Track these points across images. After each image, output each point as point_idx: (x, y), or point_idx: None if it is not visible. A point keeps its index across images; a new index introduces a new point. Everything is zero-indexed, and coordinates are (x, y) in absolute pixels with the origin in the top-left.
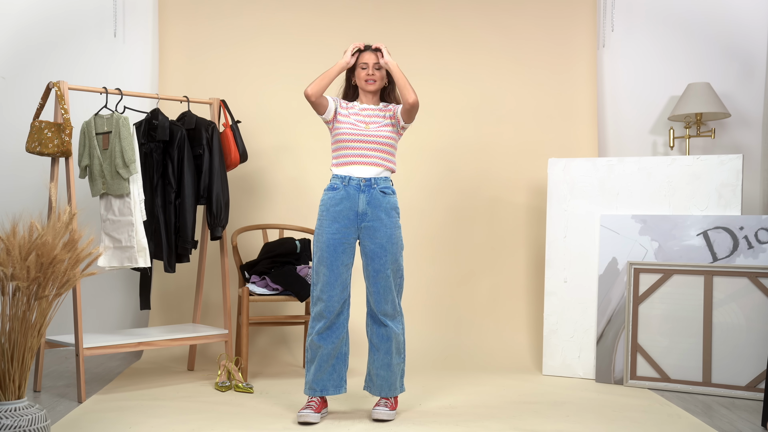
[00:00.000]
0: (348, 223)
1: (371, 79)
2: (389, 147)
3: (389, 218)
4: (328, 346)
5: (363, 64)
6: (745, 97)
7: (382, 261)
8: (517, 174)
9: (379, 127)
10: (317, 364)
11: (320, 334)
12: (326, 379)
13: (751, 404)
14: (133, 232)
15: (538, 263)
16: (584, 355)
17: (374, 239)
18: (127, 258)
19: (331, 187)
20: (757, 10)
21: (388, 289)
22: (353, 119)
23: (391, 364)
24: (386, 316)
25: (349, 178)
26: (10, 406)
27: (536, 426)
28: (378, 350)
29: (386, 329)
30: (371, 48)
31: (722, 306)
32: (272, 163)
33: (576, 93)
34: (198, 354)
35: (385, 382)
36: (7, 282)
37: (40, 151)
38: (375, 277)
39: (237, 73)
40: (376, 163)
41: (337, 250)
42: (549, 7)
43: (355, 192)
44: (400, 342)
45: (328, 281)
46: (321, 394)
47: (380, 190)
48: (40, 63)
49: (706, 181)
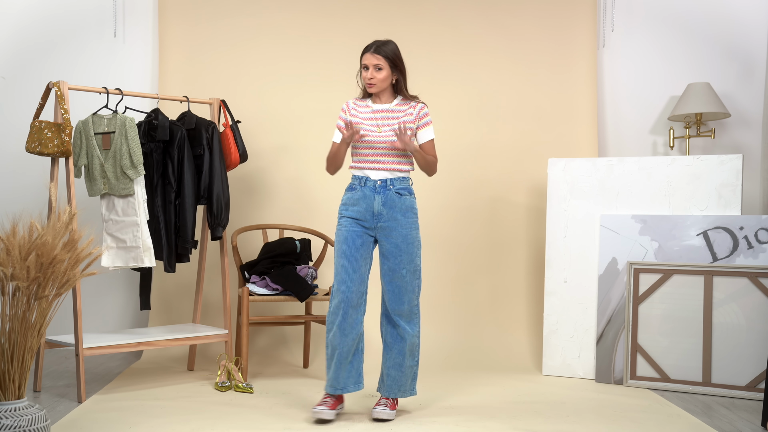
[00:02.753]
0: (365, 222)
1: (370, 83)
2: (402, 150)
3: (405, 218)
4: (347, 343)
5: (364, 65)
6: (745, 97)
7: (397, 260)
8: (517, 174)
9: (392, 129)
10: (336, 362)
11: (340, 327)
12: (346, 377)
13: (751, 404)
14: (138, 232)
15: (538, 263)
16: (584, 355)
17: (390, 239)
18: (132, 258)
19: (350, 187)
20: (757, 10)
21: (403, 289)
22: (366, 124)
23: (403, 365)
24: (400, 316)
25: (366, 179)
26: (10, 406)
27: (536, 426)
28: (390, 350)
29: (400, 329)
30: (372, 48)
31: (722, 306)
32: (272, 163)
33: (576, 93)
34: (198, 354)
35: (395, 382)
36: (7, 282)
37: (40, 151)
38: (391, 276)
39: (237, 73)
40: (390, 168)
41: (356, 242)
42: (549, 7)
43: (371, 193)
44: (414, 344)
45: (347, 272)
46: (342, 391)
47: (396, 192)
48: (40, 63)
49: (706, 181)
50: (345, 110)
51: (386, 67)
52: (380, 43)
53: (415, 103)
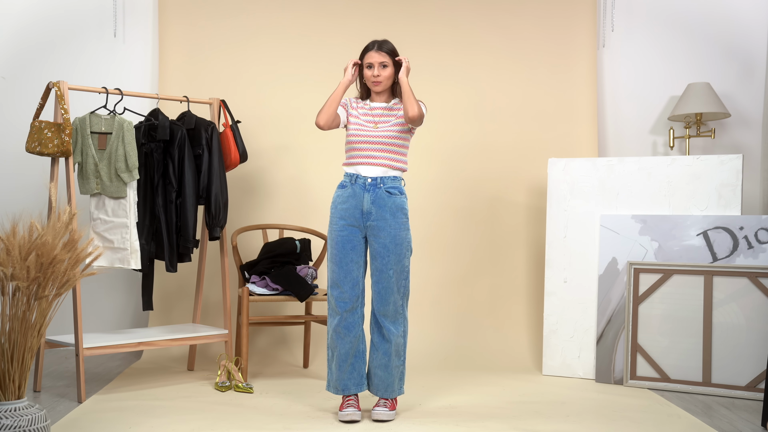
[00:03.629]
0: (354, 221)
1: (377, 80)
2: (398, 147)
3: (394, 219)
4: (345, 345)
5: (368, 64)
6: (745, 97)
7: (384, 261)
8: (517, 174)
9: (389, 126)
10: (337, 363)
11: (336, 331)
12: (347, 378)
13: (751, 404)
14: (128, 234)
15: (538, 263)
16: (584, 355)
17: (378, 239)
18: (119, 259)
19: (341, 184)
20: (757, 10)
21: (389, 290)
22: (363, 120)
23: (389, 366)
24: (385, 317)
25: (356, 176)
26: (10, 406)
27: (536, 426)
28: (377, 350)
29: (384, 330)
30: (375, 46)
31: (722, 306)
32: (272, 163)
33: (576, 93)
34: (198, 354)
35: (382, 382)
36: (7, 282)
37: (40, 151)
38: (378, 276)
39: (237, 73)
40: (383, 163)
41: (345, 247)
42: (549, 7)
43: (360, 191)
44: (399, 345)
45: (338, 278)
46: (344, 393)
47: (386, 190)
48: (40, 63)
49: (706, 181)
50: (345, 104)
51: (390, 64)
52: (381, 41)
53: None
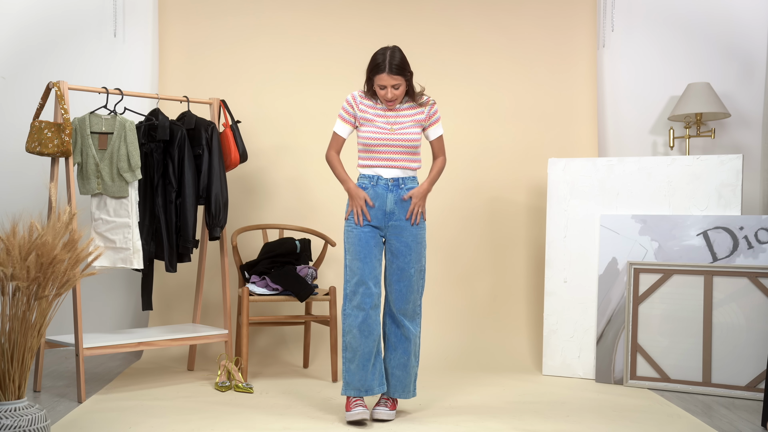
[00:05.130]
0: (376, 222)
1: (391, 102)
2: (414, 148)
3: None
4: (369, 344)
5: (381, 86)
6: (745, 97)
7: (407, 259)
8: (517, 174)
9: (404, 128)
10: (360, 363)
11: (361, 330)
12: (371, 378)
13: (751, 404)
14: (130, 234)
15: (538, 263)
16: (584, 355)
17: (400, 238)
18: (121, 259)
19: (360, 186)
20: (757, 10)
21: (410, 288)
22: (379, 122)
23: (408, 365)
24: (405, 316)
25: (378, 177)
26: (10, 406)
27: (536, 426)
28: (395, 350)
29: (404, 329)
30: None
31: (722, 306)
32: (272, 163)
33: (576, 93)
34: (198, 354)
35: (400, 382)
36: (7, 282)
37: (40, 151)
38: (399, 275)
39: (237, 73)
40: (402, 165)
41: (369, 243)
42: (549, 7)
43: (383, 191)
44: (417, 344)
45: (365, 274)
46: (367, 393)
47: (407, 190)
48: (40, 63)
49: (706, 181)
50: (352, 104)
51: (403, 82)
52: (391, 58)
53: (425, 101)
